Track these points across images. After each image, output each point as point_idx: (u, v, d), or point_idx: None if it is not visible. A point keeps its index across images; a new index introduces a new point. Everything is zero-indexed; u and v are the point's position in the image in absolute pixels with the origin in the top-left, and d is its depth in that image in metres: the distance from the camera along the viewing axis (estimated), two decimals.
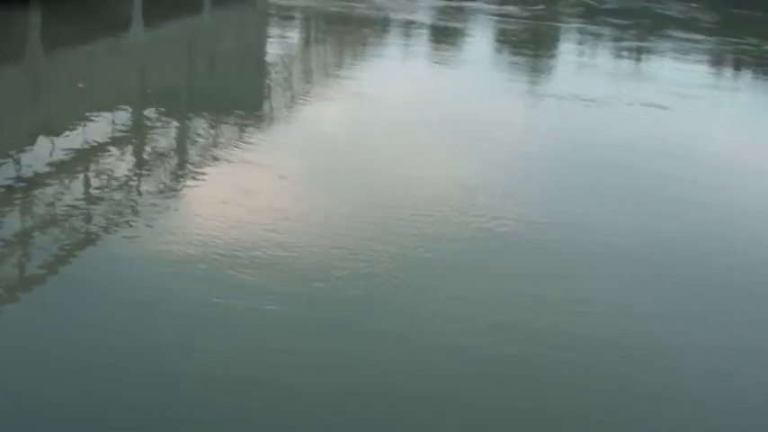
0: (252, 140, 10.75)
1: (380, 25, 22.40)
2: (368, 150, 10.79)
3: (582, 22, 25.62)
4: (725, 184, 10.73)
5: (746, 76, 20.26)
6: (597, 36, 23.69)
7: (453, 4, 26.13)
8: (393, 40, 21.11)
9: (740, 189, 10.58)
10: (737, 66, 20.78)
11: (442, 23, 23.11)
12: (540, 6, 27.31)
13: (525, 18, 24.63)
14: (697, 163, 11.73)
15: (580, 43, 22.68)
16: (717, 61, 21.06)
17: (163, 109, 12.55)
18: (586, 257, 7.86)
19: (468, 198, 8.95)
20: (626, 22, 25.98)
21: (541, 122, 13.44)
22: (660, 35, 24.07)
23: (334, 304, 6.52)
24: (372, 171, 9.76)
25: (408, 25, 22.20)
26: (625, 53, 21.37)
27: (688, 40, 22.99)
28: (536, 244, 8.02)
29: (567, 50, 21.63)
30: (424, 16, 23.88)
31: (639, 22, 26.73)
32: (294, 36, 21.08)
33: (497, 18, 24.43)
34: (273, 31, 21.29)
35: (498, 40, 22.20)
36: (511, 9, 25.85)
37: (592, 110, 14.06)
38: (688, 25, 25.94)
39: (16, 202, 8.09)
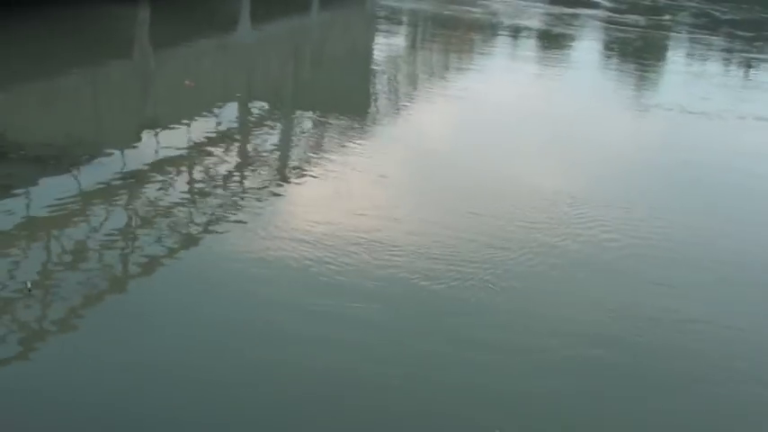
0: (355, 141, 10.72)
1: (491, 30, 22.16)
2: (470, 156, 10.63)
3: (702, 32, 24.90)
4: None
5: None
6: (716, 46, 22.96)
7: (569, 11, 25.72)
8: (503, 46, 20.84)
9: None
10: None
11: (555, 30, 22.75)
12: (666, 16, 26.67)
13: (643, 27, 24.08)
14: None
15: (696, 54, 22.03)
16: None
17: (268, 107, 12.68)
18: (696, 277, 7.56)
19: (571, 209, 8.72)
20: (748, 33, 25.13)
21: (648, 134, 13.08)
22: None
23: (431, 312, 6.40)
24: (474, 178, 9.58)
25: (520, 31, 21.92)
26: (741, 65, 20.67)
27: None
28: (644, 260, 7.70)
29: (682, 61, 20.95)
30: (538, 22, 23.58)
31: (762, 33, 25.89)
32: (402, 38, 21.03)
33: (613, 26, 23.92)
34: (381, 32, 21.27)
35: (611, 49, 21.71)
36: (631, 18, 25.28)
37: (701, 123, 13.58)
38: None
39: (122, 197, 8.16)
